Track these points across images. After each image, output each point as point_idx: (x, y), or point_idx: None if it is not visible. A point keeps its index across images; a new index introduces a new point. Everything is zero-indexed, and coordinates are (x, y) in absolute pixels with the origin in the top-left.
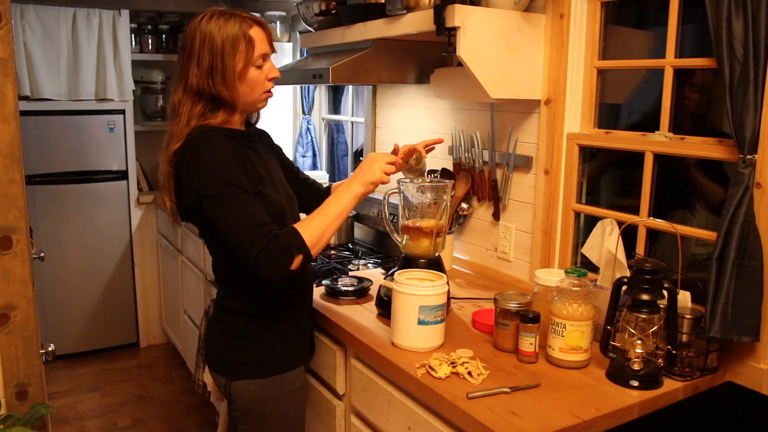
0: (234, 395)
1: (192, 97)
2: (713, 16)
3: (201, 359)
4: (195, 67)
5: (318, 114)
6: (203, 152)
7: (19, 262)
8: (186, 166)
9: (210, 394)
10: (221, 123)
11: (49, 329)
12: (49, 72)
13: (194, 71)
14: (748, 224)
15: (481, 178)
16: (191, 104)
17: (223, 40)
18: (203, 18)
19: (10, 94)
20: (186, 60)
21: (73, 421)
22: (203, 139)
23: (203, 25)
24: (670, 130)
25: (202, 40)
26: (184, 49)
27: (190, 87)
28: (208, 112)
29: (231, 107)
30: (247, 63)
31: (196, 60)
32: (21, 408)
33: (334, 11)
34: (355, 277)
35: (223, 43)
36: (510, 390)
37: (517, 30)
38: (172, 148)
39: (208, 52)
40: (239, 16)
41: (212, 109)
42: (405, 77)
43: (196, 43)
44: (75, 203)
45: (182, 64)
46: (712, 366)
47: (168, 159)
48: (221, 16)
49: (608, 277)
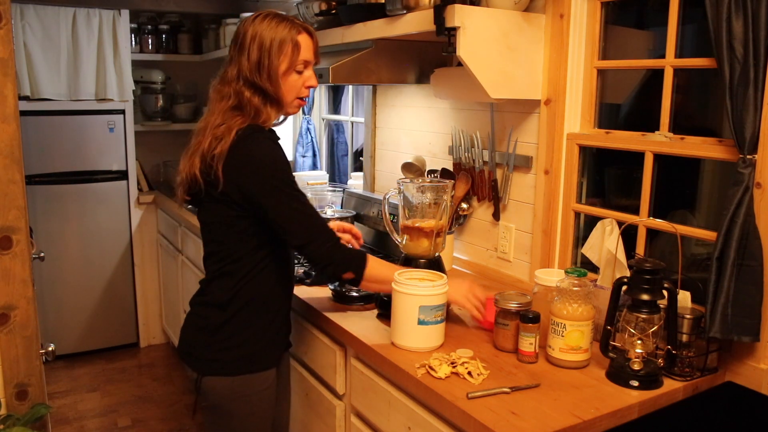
0: (204, 390)
1: (250, 88)
2: (713, 16)
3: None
4: (245, 60)
5: (318, 114)
6: (269, 150)
7: (19, 262)
8: (246, 160)
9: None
10: (271, 123)
11: (49, 329)
12: (49, 72)
13: (245, 64)
14: (748, 224)
15: (481, 178)
16: (251, 94)
17: (272, 39)
18: (257, 17)
19: (10, 94)
20: (237, 53)
21: (73, 421)
22: (265, 138)
23: (256, 23)
24: (670, 130)
25: (253, 36)
26: (235, 42)
27: (245, 78)
28: (262, 106)
29: (277, 104)
30: (290, 66)
31: (246, 54)
32: (21, 408)
33: (334, 11)
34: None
35: (271, 42)
36: (510, 390)
37: (517, 30)
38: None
39: (257, 49)
40: (291, 21)
41: (264, 103)
42: (405, 77)
43: (247, 39)
44: (75, 203)
45: (233, 56)
46: (712, 366)
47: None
48: (275, 18)
49: (608, 277)
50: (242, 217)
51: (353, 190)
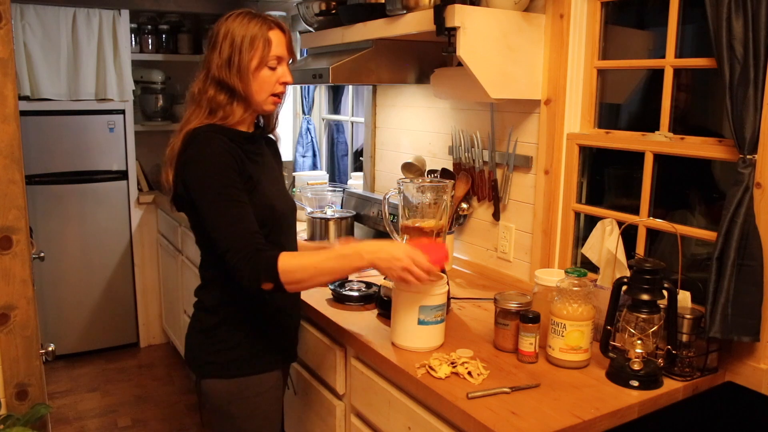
0: (203, 392)
1: (215, 86)
2: (713, 16)
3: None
4: (217, 57)
5: (318, 114)
6: (204, 151)
7: (19, 262)
8: (185, 162)
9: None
10: (236, 121)
11: (49, 329)
12: (49, 72)
13: (216, 61)
14: (748, 224)
15: (481, 178)
16: (215, 92)
17: (243, 36)
18: (230, 16)
19: (10, 94)
20: (209, 51)
21: (73, 421)
22: (205, 138)
23: (229, 22)
24: (670, 130)
25: (225, 34)
26: (208, 42)
27: (212, 76)
28: (227, 104)
29: (245, 101)
30: (261, 61)
31: (218, 51)
32: (21, 408)
33: (334, 11)
34: (363, 281)
35: (242, 39)
36: (510, 390)
37: (517, 30)
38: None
39: (228, 46)
40: (263, 18)
41: (230, 101)
42: (405, 77)
43: (219, 37)
44: (75, 203)
45: (206, 56)
46: (712, 366)
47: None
48: (246, 15)
49: (608, 277)
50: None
51: (353, 190)
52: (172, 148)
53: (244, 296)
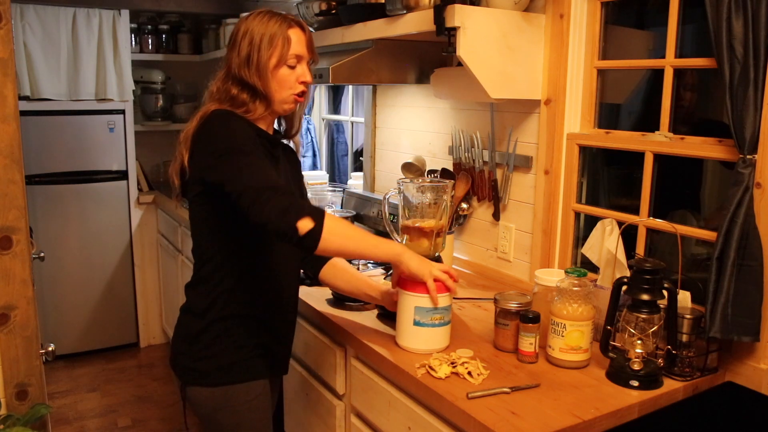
0: (189, 399)
1: (237, 84)
2: (713, 16)
3: None
4: (236, 57)
5: (318, 114)
6: (226, 123)
7: (19, 262)
8: (204, 133)
9: None
10: (257, 117)
11: (49, 329)
12: (49, 72)
13: (235, 60)
14: (748, 224)
15: (481, 178)
16: (237, 91)
17: (263, 34)
18: (251, 15)
19: (10, 94)
20: (229, 50)
21: (73, 421)
22: (227, 114)
23: (249, 20)
24: (670, 130)
25: (245, 32)
26: (229, 41)
27: (232, 74)
28: (249, 101)
29: (266, 99)
30: (280, 60)
31: (237, 50)
32: (21, 408)
33: (334, 11)
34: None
35: (261, 37)
36: (510, 390)
37: (517, 30)
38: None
39: (247, 44)
40: (283, 17)
41: (252, 99)
42: (405, 77)
43: (239, 35)
44: (75, 203)
45: (226, 54)
46: (712, 366)
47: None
48: (266, 14)
49: (608, 277)
50: (212, 214)
51: (353, 190)
52: (187, 130)
53: (237, 297)
